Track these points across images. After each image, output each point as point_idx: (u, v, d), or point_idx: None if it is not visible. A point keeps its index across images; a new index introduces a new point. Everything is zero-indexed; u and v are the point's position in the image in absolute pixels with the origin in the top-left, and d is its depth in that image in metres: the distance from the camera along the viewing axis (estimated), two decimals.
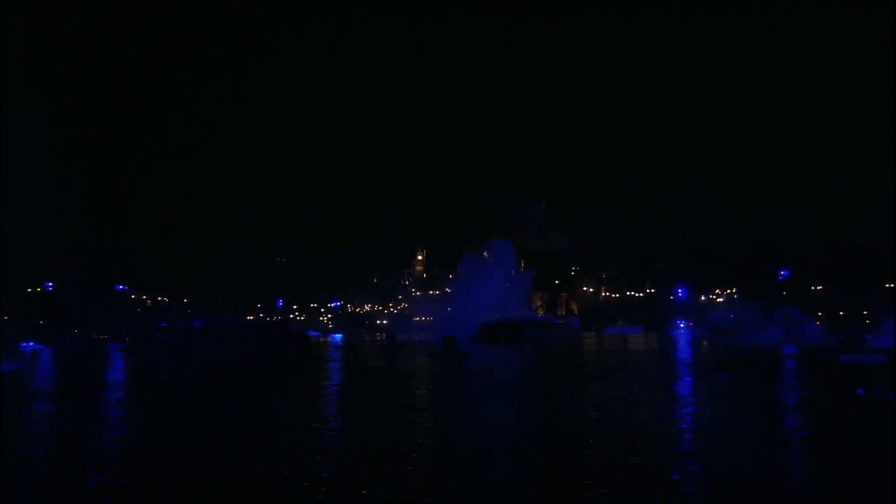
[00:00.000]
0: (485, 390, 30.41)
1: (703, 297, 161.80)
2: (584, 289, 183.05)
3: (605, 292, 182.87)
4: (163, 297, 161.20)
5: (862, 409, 23.52)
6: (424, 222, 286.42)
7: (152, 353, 60.50)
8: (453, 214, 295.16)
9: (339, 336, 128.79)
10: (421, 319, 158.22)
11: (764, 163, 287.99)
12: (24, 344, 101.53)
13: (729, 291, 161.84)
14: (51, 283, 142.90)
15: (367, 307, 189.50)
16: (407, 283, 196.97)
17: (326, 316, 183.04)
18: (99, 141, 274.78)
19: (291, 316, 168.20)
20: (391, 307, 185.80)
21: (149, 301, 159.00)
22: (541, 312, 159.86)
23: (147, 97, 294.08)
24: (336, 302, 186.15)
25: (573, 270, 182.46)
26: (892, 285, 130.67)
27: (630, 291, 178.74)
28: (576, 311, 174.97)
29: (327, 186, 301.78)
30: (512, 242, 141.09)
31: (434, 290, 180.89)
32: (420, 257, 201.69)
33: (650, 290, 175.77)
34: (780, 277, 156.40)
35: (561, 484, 13.36)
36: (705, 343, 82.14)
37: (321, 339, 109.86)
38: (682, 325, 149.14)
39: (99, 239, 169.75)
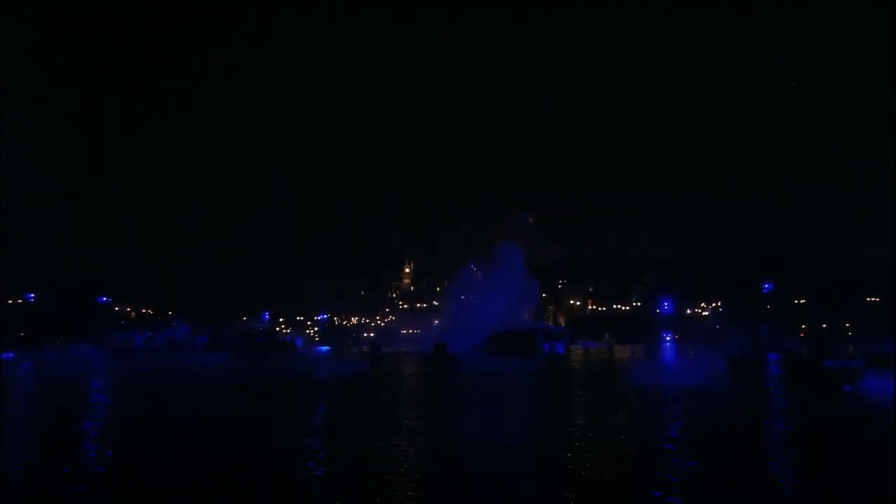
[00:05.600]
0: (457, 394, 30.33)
1: (688, 311, 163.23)
2: (571, 302, 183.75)
3: (592, 305, 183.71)
4: (147, 308, 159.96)
5: (850, 401, 24.72)
6: (412, 234, 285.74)
7: (134, 361, 59.89)
8: (441, 226, 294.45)
9: (325, 348, 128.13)
10: (408, 332, 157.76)
11: (750, 176, 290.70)
12: (5, 355, 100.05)
13: (714, 305, 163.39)
14: (32, 295, 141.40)
15: (353, 320, 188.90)
16: (394, 295, 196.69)
17: (313, 329, 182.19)
18: (82, 150, 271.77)
19: (278, 329, 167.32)
20: (378, 320, 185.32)
21: (132, 313, 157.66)
22: None
23: (133, 104, 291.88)
24: (323, 315, 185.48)
25: (560, 283, 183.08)
26: (875, 298, 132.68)
27: (616, 304, 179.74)
28: (563, 324, 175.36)
29: (319, 193, 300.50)
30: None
31: (422, 302, 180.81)
32: (408, 270, 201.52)
33: (636, 303, 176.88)
34: (765, 290, 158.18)
35: None
36: (691, 353, 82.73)
37: (307, 349, 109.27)
38: (667, 338, 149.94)
39: (82, 250, 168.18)
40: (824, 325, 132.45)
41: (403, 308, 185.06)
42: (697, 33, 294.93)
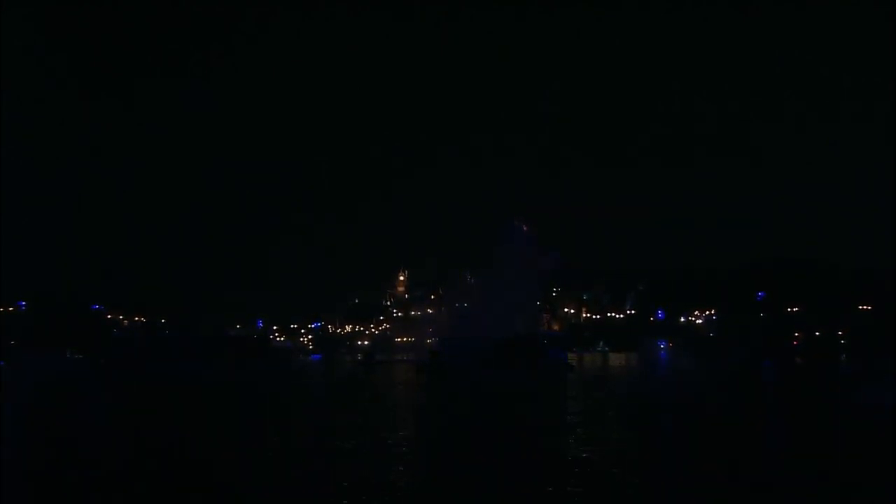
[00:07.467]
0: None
1: (682, 319, 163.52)
2: (566, 309, 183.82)
3: (586, 313, 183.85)
4: (140, 316, 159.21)
5: (846, 408, 24.92)
6: (406, 243, 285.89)
7: (125, 368, 59.44)
8: (435, 235, 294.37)
9: (318, 356, 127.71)
10: (402, 340, 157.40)
11: (745, 185, 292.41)
12: None
13: (708, 313, 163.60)
14: (24, 302, 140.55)
15: (347, 328, 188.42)
16: (388, 303, 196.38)
17: (307, 337, 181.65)
18: (75, 157, 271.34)
19: (272, 337, 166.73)
20: (372, 328, 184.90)
21: (125, 321, 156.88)
22: None
23: (127, 109, 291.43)
24: (317, 323, 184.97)
25: (554, 291, 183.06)
26: (868, 306, 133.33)
27: (611, 312, 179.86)
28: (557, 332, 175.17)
29: (312, 203, 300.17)
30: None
31: (416, 310, 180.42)
32: (402, 278, 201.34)
33: (630, 311, 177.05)
34: (758, 298, 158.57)
35: None
36: (685, 361, 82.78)
37: (301, 357, 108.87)
38: (662, 346, 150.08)
39: (74, 258, 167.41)
40: (817, 333, 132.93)
41: (398, 316, 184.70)
42: (697, 33, 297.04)
